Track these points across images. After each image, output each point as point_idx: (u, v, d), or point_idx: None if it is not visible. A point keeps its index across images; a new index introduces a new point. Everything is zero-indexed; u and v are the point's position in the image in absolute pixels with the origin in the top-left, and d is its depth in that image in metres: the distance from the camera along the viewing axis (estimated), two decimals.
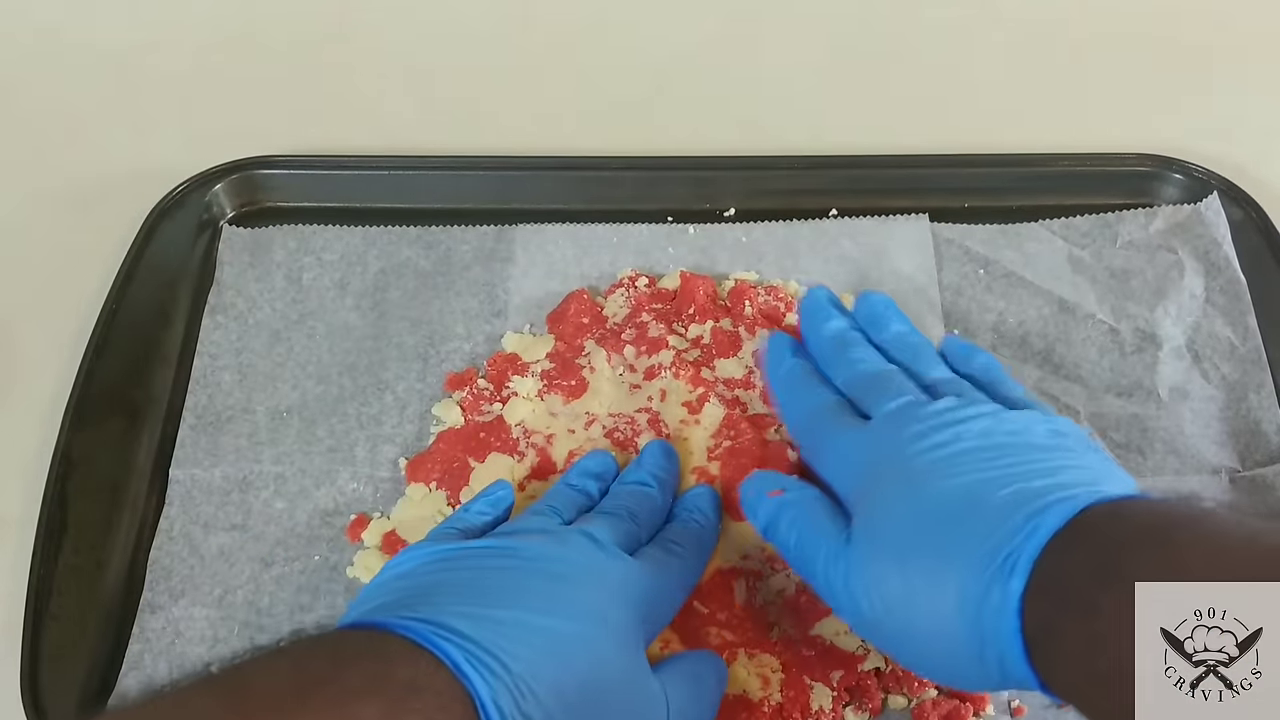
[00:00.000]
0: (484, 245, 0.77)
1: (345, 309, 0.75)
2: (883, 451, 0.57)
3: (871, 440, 0.58)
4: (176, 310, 0.75)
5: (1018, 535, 0.48)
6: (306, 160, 0.82)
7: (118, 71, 0.92)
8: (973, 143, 0.83)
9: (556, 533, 0.57)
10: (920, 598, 0.51)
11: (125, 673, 0.61)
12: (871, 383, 0.61)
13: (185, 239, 0.78)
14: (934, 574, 0.50)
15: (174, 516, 0.67)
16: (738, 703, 0.59)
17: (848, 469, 0.59)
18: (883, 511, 0.54)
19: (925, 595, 0.50)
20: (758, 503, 0.60)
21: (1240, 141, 0.83)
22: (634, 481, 0.63)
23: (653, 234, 0.78)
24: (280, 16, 0.96)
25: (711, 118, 0.88)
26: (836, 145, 0.83)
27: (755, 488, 0.61)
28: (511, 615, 0.50)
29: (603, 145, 0.83)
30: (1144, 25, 0.93)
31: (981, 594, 0.48)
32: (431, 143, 0.84)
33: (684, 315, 0.73)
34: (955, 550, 0.50)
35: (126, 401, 0.71)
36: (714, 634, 0.61)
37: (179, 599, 0.64)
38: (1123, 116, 0.87)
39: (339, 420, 0.70)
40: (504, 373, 0.71)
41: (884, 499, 0.55)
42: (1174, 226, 0.77)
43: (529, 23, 0.95)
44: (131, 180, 0.81)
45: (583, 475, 0.64)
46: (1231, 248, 0.75)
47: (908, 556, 0.52)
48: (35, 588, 0.63)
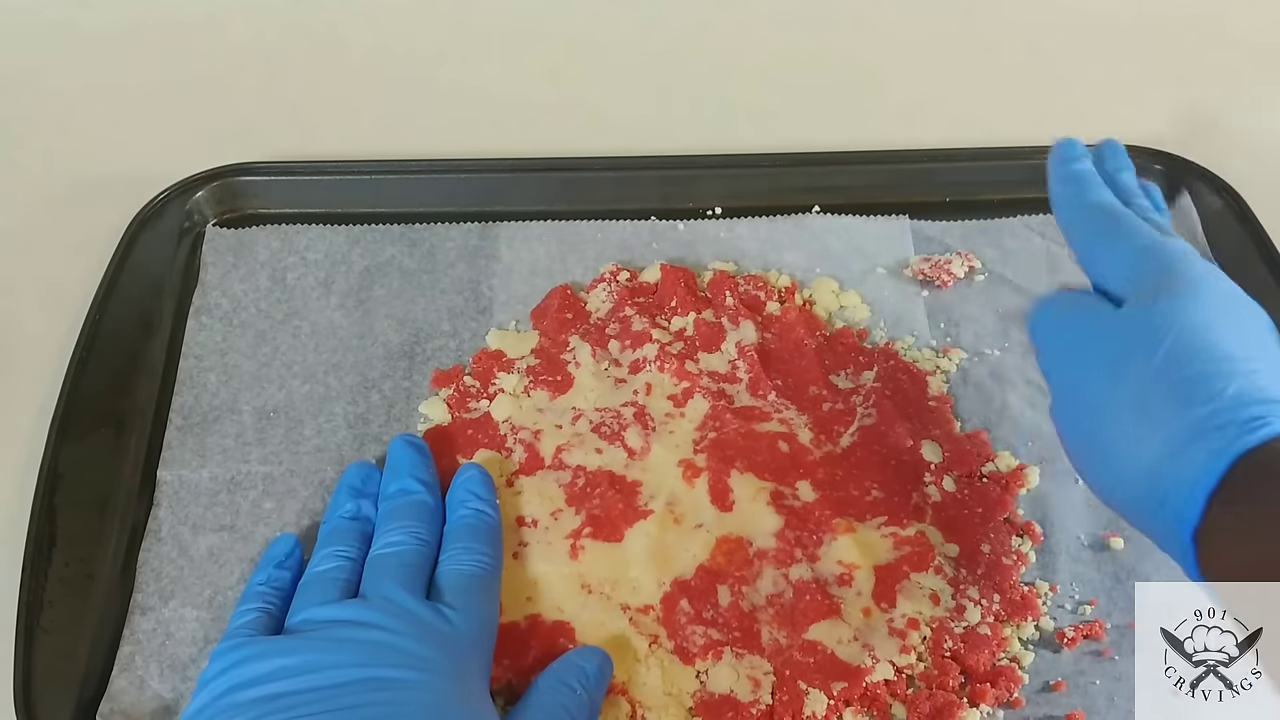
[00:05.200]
0: (468, 243, 0.78)
1: (330, 308, 0.75)
2: (1176, 271, 0.55)
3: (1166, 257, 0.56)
4: (160, 320, 0.75)
5: (1238, 430, 0.48)
6: (287, 166, 0.82)
7: (95, 81, 0.92)
8: (952, 138, 0.83)
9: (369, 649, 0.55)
10: (1141, 418, 0.51)
11: (116, 675, 0.61)
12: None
13: (167, 248, 0.78)
14: (1166, 407, 0.50)
15: (162, 518, 0.66)
16: (724, 703, 0.59)
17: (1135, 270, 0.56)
18: (1160, 319, 0.53)
19: (1146, 421, 0.51)
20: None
21: (1219, 131, 0.84)
22: (399, 491, 0.63)
23: (636, 230, 0.78)
24: (258, 23, 0.96)
25: (692, 117, 0.89)
26: (818, 142, 0.83)
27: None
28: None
29: (584, 146, 0.83)
30: (1122, 18, 0.94)
31: (1191, 457, 0.48)
32: (413, 147, 0.84)
33: (666, 308, 0.73)
34: (1197, 399, 0.49)
35: (112, 413, 0.70)
36: (699, 633, 0.61)
37: (169, 600, 0.63)
38: (1102, 108, 0.88)
39: (326, 419, 0.70)
40: (490, 370, 0.71)
41: (1165, 309, 0.53)
42: None
43: (509, 26, 0.96)
44: (111, 189, 0.81)
45: (353, 496, 0.64)
46: (1205, 243, 0.76)
47: (1160, 372, 0.51)
48: (26, 601, 0.62)
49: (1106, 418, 0.52)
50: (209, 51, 0.94)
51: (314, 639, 0.55)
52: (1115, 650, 0.61)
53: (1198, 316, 0.52)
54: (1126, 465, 0.51)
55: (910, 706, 0.59)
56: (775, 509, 0.65)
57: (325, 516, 0.64)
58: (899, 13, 0.95)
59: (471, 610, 0.57)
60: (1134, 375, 0.52)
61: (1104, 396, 0.53)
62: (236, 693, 0.52)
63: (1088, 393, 0.54)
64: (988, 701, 0.59)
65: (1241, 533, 0.47)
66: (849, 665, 0.60)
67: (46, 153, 0.88)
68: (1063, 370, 0.56)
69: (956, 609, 0.62)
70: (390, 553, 0.59)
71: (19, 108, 0.91)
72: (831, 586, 0.63)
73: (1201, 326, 0.51)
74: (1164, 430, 0.50)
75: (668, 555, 0.64)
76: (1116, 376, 0.52)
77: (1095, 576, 0.64)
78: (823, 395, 0.70)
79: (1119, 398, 0.52)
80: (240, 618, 0.58)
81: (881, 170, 0.81)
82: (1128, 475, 0.51)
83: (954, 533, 0.65)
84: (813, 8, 0.96)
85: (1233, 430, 0.48)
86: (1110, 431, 0.52)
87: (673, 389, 0.70)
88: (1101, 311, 0.55)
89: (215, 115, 0.89)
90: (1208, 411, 0.49)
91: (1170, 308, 0.52)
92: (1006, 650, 0.61)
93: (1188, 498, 0.48)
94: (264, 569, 0.61)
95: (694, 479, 0.66)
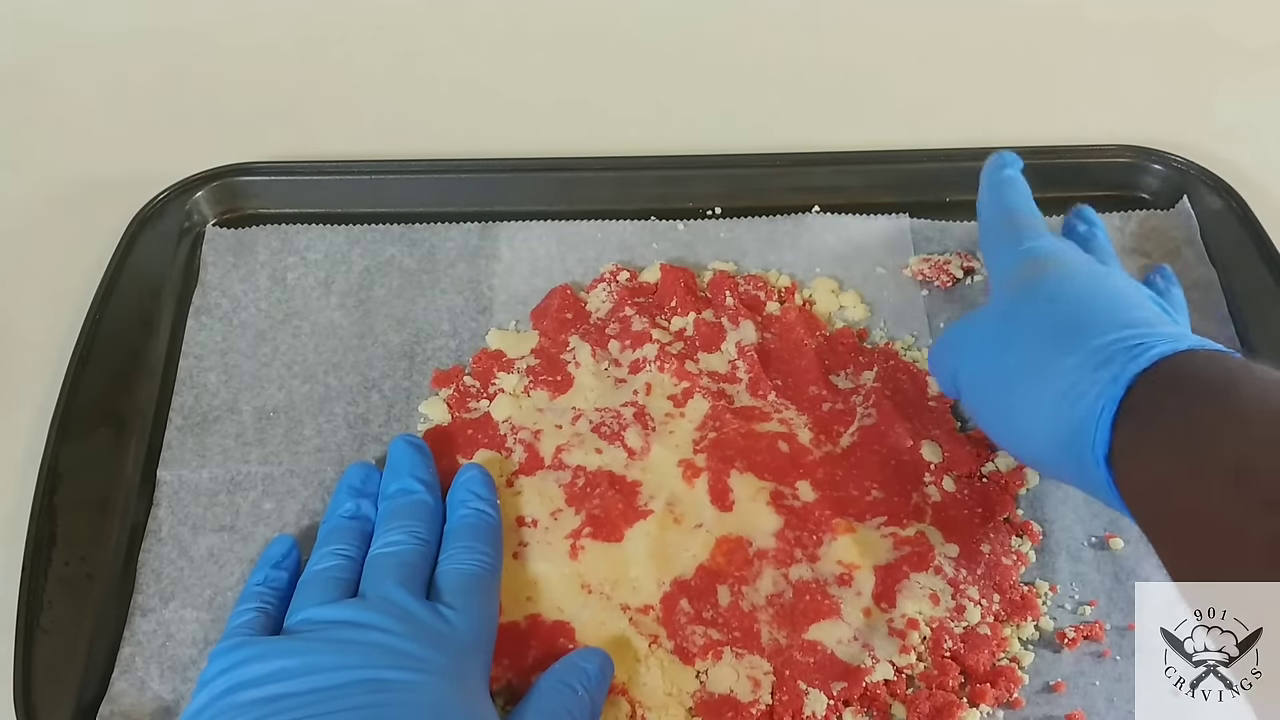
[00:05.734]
0: (468, 242, 0.78)
1: (330, 308, 0.75)
2: (1051, 256, 0.62)
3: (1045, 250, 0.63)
4: (160, 320, 0.75)
5: (1127, 356, 0.53)
6: (287, 166, 0.82)
7: (95, 81, 0.92)
8: (953, 138, 0.83)
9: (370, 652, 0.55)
10: (1035, 376, 0.56)
11: (117, 676, 0.61)
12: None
13: (166, 248, 0.78)
14: (1054, 358, 0.56)
15: (162, 518, 0.66)
16: (724, 703, 0.59)
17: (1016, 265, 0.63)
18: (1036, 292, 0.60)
19: (1040, 375, 0.56)
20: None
21: (1220, 132, 0.84)
22: (399, 490, 0.64)
23: (636, 230, 0.78)
24: (258, 23, 0.96)
25: (692, 117, 0.89)
26: (818, 142, 0.83)
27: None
28: None
29: (584, 146, 0.83)
30: (1122, 18, 0.94)
31: (1085, 389, 0.53)
32: (413, 147, 0.84)
33: (666, 308, 0.73)
34: (1080, 342, 0.55)
35: (112, 413, 0.70)
36: (699, 633, 0.61)
37: (169, 601, 0.63)
38: (1102, 109, 0.87)
39: (326, 420, 0.70)
40: (490, 370, 0.71)
41: (1043, 285, 0.60)
42: (1148, 231, 0.78)
43: (510, 25, 0.96)
44: (111, 189, 0.80)
45: (352, 495, 0.64)
46: (1201, 247, 0.76)
47: (1044, 332, 0.57)
48: (25, 601, 0.62)
49: (1006, 386, 0.58)
50: (209, 51, 0.94)
51: (314, 640, 0.55)
52: (1115, 651, 0.61)
53: (1072, 286, 0.59)
54: (1033, 422, 0.56)
55: (910, 706, 0.59)
56: (775, 509, 0.65)
57: (325, 516, 0.64)
58: (899, 13, 0.95)
59: (471, 610, 0.57)
60: (1021, 343, 0.58)
61: (999, 370, 0.59)
62: (236, 693, 0.52)
63: (984, 373, 0.61)
64: (988, 702, 0.59)
65: (1148, 444, 0.51)
66: (849, 665, 0.60)
67: (46, 153, 0.87)
68: (962, 364, 0.62)
69: (956, 609, 0.62)
70: (390, 552, 0.59)
71: (19, 108, 0.91)
72: (831, 586, 0.63)
73: (1077, 291, 0.59)
74: (1058, 379, 0.55)
75: (668, 555, 0.64)
76: (1005, 349, 0.59)
77: (1095, 576, 0.64)
78: (823, 395, 0.70)
79: (1013, 367, 0.58)
80: (238, 618, 0.58)
81: (881, 170, 0.81)
82: (1037, 431, 0.56)
83: (954, 533, 0.65)
84: (813, 8, 0.96)
85: (1121, 359, 0.53)
86: (1012, 397, 0.58)
87: (673, 389, 0.70)
88: (983, 311, 0.64)
89: (215, 115, 0.89)
90: (1094, 347, 0.54)
91: (1047, 282, 0.60)
92: (1006, 650, 0.61)
93: (1094, 431, 0.53)
94: (261, 569, 0.61)
95: (694, 479, 0.66)
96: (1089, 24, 0.94)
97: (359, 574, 0.59)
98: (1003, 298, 0.62)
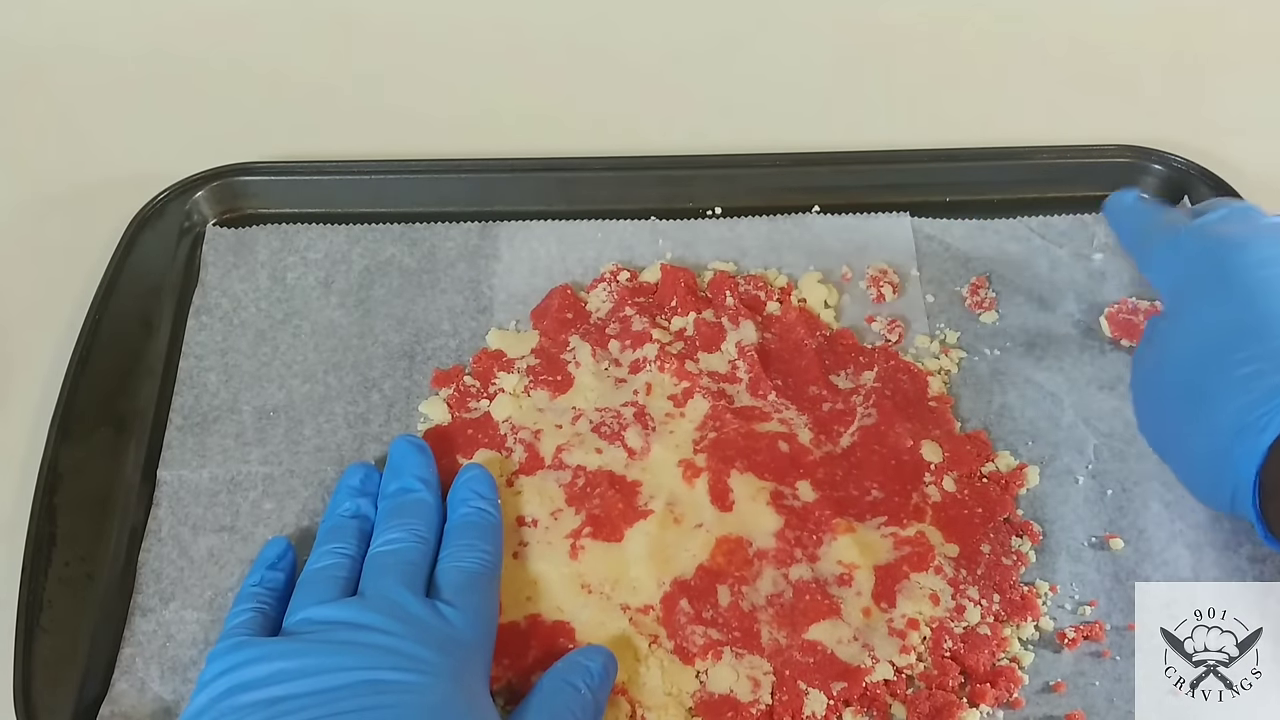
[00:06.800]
0: (468, 242, 0.78)
1: (330, 307, 0.75)
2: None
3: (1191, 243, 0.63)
4: (160, 320, 0.75)
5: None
6: (287, 166, 0.82)
7: (95, 81, 0.92)
8: (953, 138, 0.83)
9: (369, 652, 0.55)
10: (1198, 402, 0.57)
11: (117, 677, 0.61)
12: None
13: (167, 248, 0.78)
14: (1217, 390, 0.56)
15: (162, 518, 0.66)
16: (724, 703, 0.59)
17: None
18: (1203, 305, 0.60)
19: (1201, 402, 0.57)
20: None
21: (1220, 132, 0.84)
22: (400, 490, 0.64)
23: (636, 230, 0.78)
24: (258, 23, 0.95)
25: (692, 117, 0.89)
26: (818, 142, 0.83)
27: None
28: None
29: (584, 146, 0.83)
30: (1121, 18, 0.94)
31: (1242, 426, 0.54)
32: (413, 147, 0.84)
33: (666, 308, 0.73)
34: (1240, 376, 0.55)
35: (112, 413, 0.70)
36: (699, 633, 0.61)
37: (169, 602, 0.63)
38: (1102, 108, 0.87)
39: (326, 419, 0.70)
40: (490, 369, 0.71)
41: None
42: None
43: (509, 26, 0.95)
44: (111, 189, 0.81)
45: (352, 495, 0.64)
46: None
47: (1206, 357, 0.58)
48: (26, 601, 0.62)
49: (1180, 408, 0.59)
50: (210, 51, 0.94)
51: (314, 641, 0.55)
52: (1115, 651, 0.61)
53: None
54: (1199, 442, 0.57)
55: (910, 707, 0.59)
56: (775, 509, 0.65)
57: (324, 516, 0.64)
58: (899, 13, 0.95)
59: (471, 609, 0.57)
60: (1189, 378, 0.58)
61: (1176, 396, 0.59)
62: (236, 695, 0.52)
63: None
64: (987, 702, 0.59)
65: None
66: (849, 665, 0.60)
67: (47, 153, 0.87)
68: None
69: (956, 609, 0.62)
70: (390, 550, 0.59)
71: (19, 108, 0.91)
72: (831, 586, 0.63)
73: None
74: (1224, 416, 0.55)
75: (668, 555, 0.64)
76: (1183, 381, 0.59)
77: (1095, 577, 0.64)
78: (823, 395, 0.70)
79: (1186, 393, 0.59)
80: (235, 618, 0.58)
81: (881, 170, 0.81)
82: (1199, 450, 0.58)
83: (954, 533, 0.65)
84: (813, 8, 0.96)
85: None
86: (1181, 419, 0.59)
87: (673, 389, 0.70)
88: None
89: (215, 115, 0.89)
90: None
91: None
92: (1006, 650, 0.61)
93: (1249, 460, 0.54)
94: (257, 570, 0.61)
95: (694, 479, 0.66)
96: (1090, 24, 0.94)
97: (358, 573, 0.59)
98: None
